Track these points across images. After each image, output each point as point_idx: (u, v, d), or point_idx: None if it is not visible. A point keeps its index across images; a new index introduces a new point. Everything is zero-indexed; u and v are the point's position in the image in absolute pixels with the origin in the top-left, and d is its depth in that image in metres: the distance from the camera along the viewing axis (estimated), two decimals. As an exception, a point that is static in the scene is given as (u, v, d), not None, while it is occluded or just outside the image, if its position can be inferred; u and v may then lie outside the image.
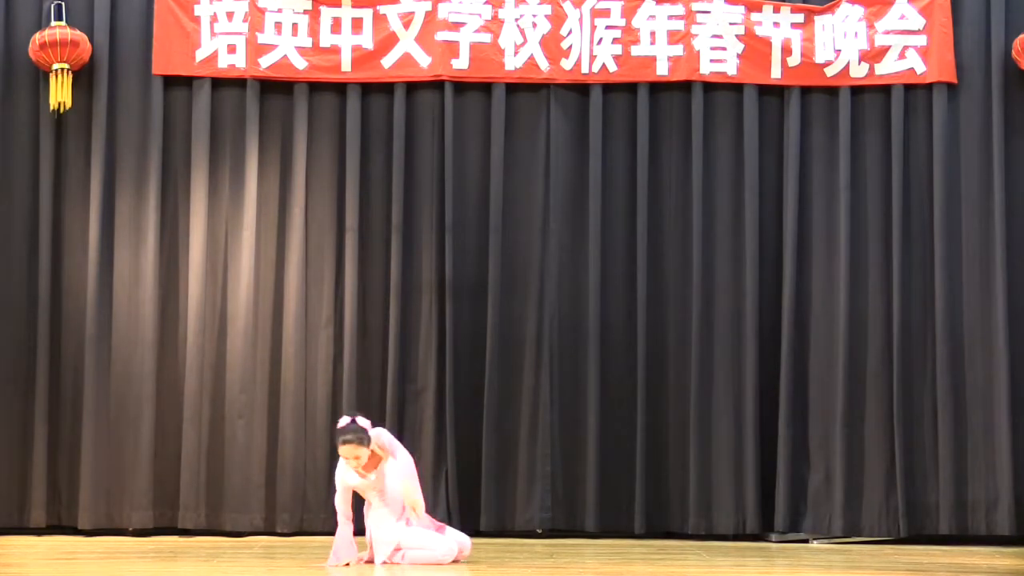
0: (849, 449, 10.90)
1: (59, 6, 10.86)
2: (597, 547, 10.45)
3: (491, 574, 9.03)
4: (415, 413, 10.89)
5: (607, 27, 11.12)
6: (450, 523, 10.23)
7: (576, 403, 10.95)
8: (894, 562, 9.81)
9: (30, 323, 10.83)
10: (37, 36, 10.79)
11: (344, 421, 9.20)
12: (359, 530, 9.30)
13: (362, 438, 9.06)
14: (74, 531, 10.70)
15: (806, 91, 11.15)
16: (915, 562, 9.83)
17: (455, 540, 9.30)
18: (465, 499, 10.81)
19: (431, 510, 10.23)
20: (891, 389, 10.91)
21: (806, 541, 10.87)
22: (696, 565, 9.54)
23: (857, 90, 11.13)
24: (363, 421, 9.16)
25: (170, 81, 11.00)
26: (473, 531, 10.22)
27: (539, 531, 10.90)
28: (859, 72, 11.12)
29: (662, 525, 10.95)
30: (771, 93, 11.16)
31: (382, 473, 9.15)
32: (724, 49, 11.11)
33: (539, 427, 10.91)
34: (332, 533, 9.98)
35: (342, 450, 9.10)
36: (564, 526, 10.91)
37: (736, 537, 10.86)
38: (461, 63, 11.07)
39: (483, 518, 10.81)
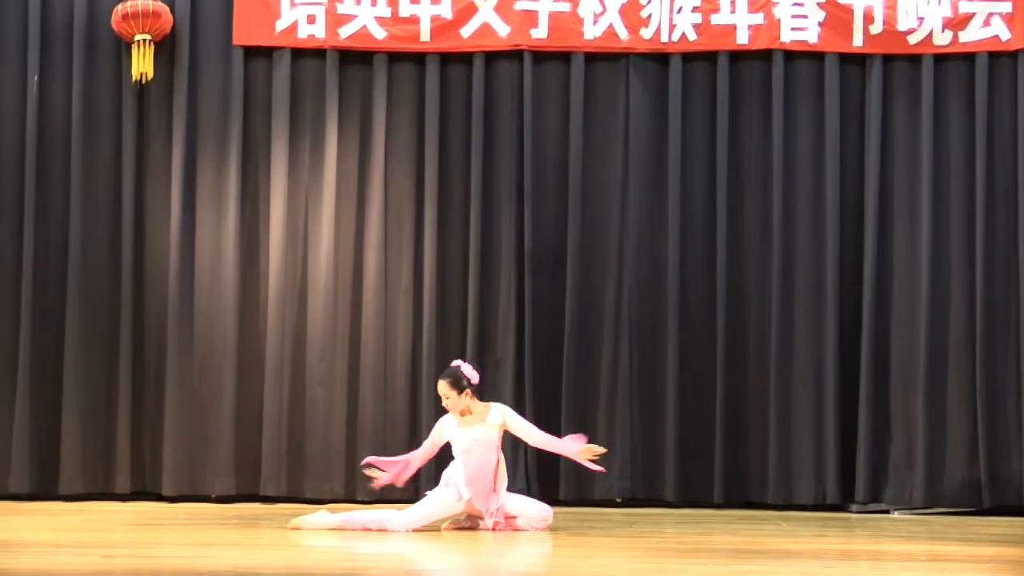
0: (931, 419, 10.82)
1: (141, -23, 10.94)
2: (676, 516, 10.44)
3: (571, 543, 9.05)
4: (494, 382, 10.89)
5: (687, -5, 11.08)
6: (529, 493, 10.28)
7: (655, 373, 10.93)
8: (978, 534, 9.73)
9: (114, 293, 10.93)
10: (119, 8, 10.87)
11: (455, 363, 9.57)
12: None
13: (453, 382, 9.35)
14: (158, 497, 10.81)
15: (888, 59, 11.06)
16: (999, 533, 9.75)
17: (407, 517, 9.33)
18: (544, 468, 10.82)
19: (511, 479, 10.26)
20: (973, 359, 10.81)
21: (887, 512, 10.81)
22: (776, 535, 9.51)
23: (940, 58, 11.02)
24: (468, 371, 9.44)
25: (250, 52, 11.06)
26: (552, 500, 10.22)
27: (618, 500, 10.90)
28: (942, 40, 11.00)
29: (742, 495, 10.92)
30: (853, 62, 11.07)
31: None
32: (805, 17, 11.03)
33: (618, 396, 10.90)
34: (412, 501, 10.06)
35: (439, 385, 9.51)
36: (643, 495, 10.91)
37: (816, 507, 10.82)
38: (540, 32, 11.05)
39: (562, 487, 10.82)
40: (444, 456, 9.66)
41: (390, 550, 8.75)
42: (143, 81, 10.89)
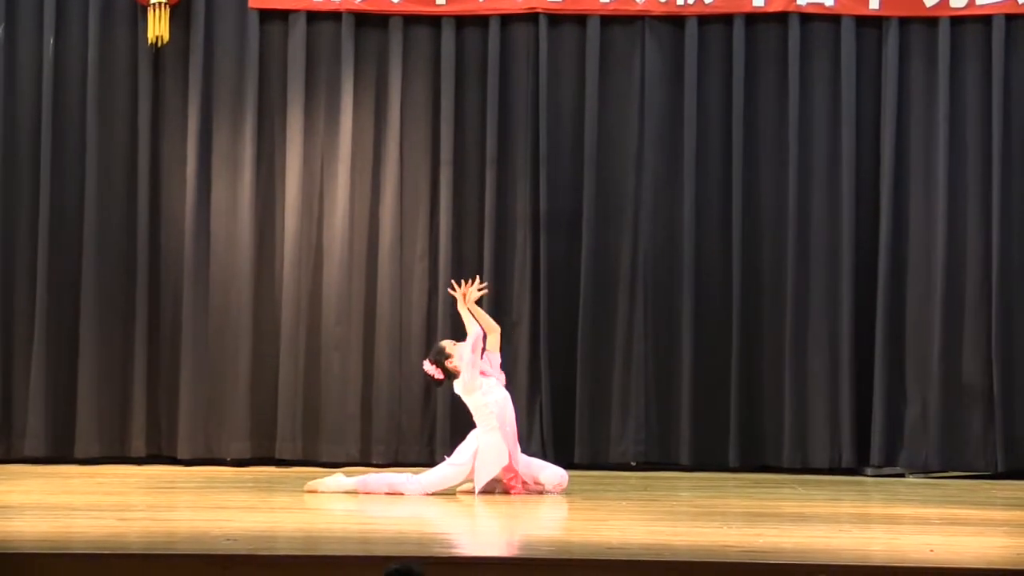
0: (946, 383, 10.81)
1: (156, -60, 10.92)
2: (691, 480, 10.45)
3: (586, 506, 9.07)
4: (510, 346, 10.85)
5: (702, -42, 11.02)
6: (544, 456, 10.29)
7: (670, 336, 10.93)
8: (991, 497, 9.74)
9: (129, 256, 10.94)
10: (135, -30, 10.86)
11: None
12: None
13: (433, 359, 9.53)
14: (173, 461, 10.83)
15: (904, 22, 11.00)
16: (1013, 497, 9.75)
17: (424, 480, 9.36)
18: (559, 432, 10.84)
19: (526, 443, 10.27)
20: (989, 323, 10.80)
21: (902, 476, 10.81)
22: (791, 499, 9.52)
23: (957, 21, 10.96)
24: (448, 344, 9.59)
25: (266, 15, 11.03)
26: (567, 464, 10.22)
27: (633, 464, 10.91)
28: (959, 2, 10.94)
29: (757, 458, 10.92)
30: (869, 24, 11.02)
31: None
32: (821, -21, 10.99)
33: (633, 360, 10.90)
34: (427, 464, 10.09)
35: None
36: (658, 459, 10.91)
37: (831, 471, 10.81)
38: (556, -5, 11.03)
39: (577, 451, 10.84)
40: (462, 424, 9.71)
41: (406, 513, 8.78)
42: (159, 44, 10.88)
